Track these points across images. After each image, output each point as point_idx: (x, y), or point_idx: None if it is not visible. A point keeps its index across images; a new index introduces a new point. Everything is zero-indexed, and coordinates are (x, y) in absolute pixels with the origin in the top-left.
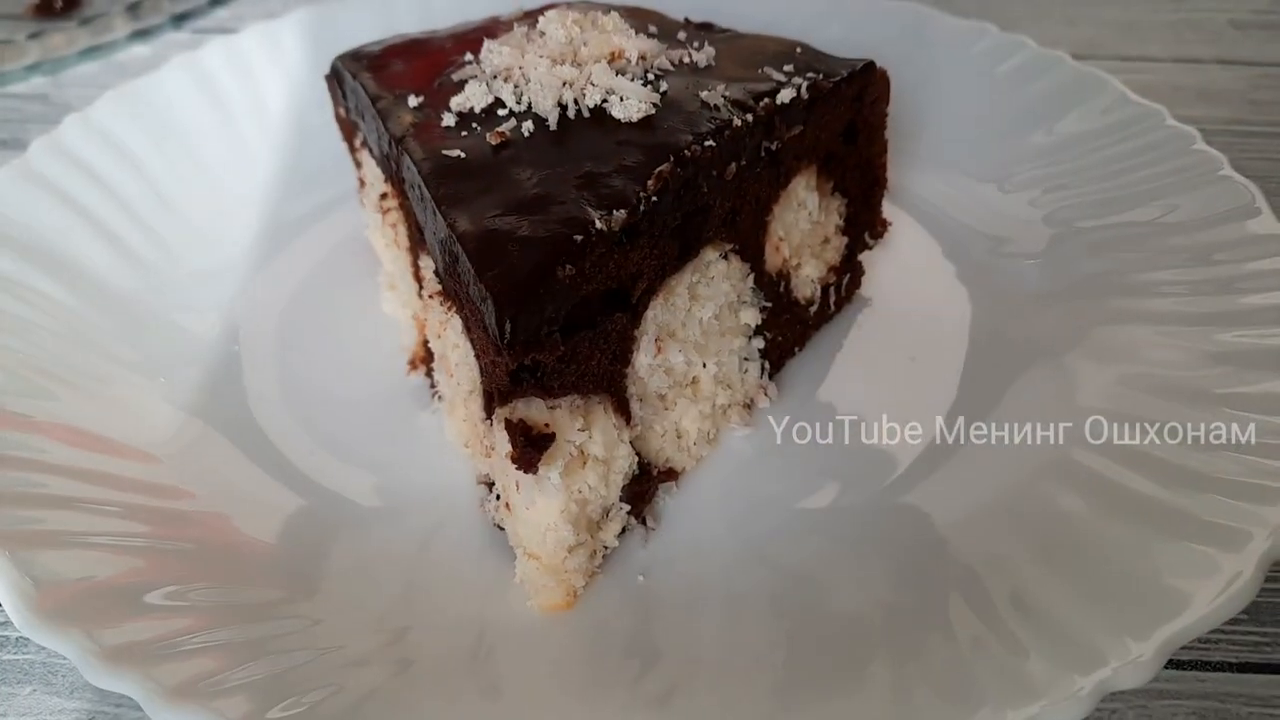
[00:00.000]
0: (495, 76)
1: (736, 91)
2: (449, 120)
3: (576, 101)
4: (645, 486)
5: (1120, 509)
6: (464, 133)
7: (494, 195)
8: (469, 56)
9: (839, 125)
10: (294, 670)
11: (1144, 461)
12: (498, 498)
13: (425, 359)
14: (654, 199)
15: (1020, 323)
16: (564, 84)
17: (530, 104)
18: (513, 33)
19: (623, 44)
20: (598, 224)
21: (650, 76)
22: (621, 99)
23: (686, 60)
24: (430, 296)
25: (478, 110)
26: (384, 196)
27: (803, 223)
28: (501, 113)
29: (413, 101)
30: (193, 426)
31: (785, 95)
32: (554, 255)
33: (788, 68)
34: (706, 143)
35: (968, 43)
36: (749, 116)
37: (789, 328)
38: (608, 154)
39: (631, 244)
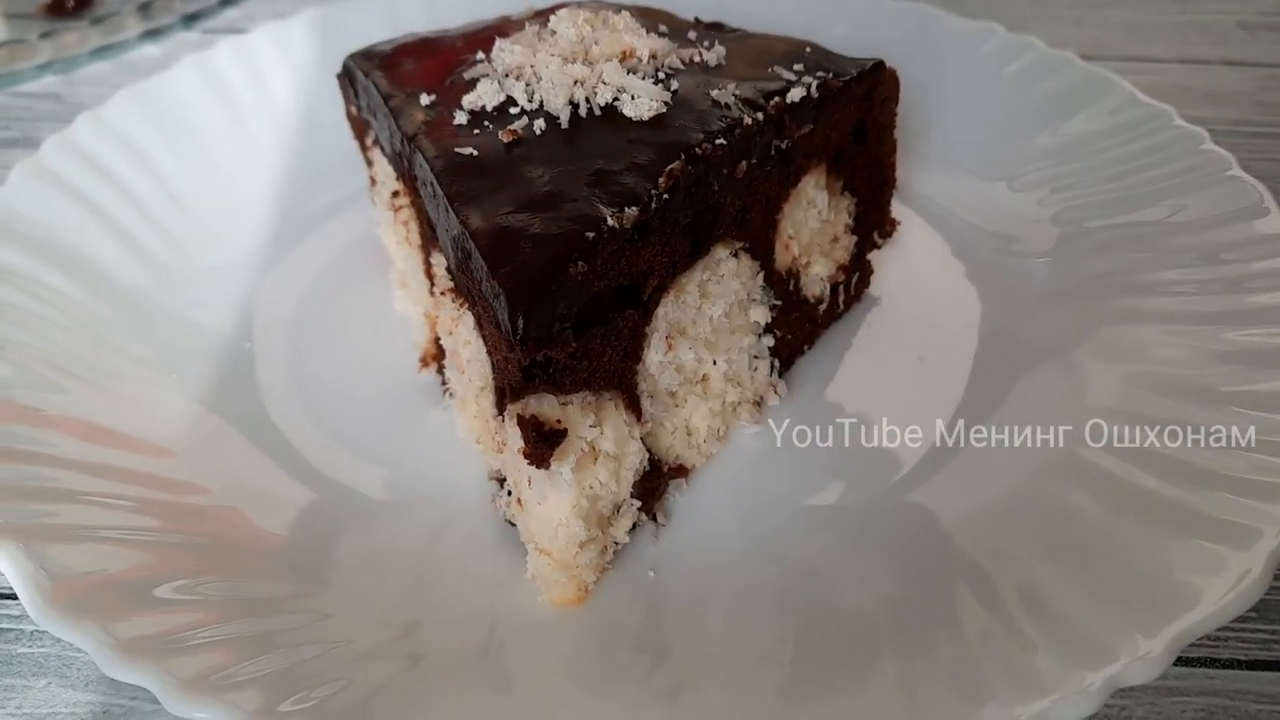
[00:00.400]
0: (507, 75)
1: (747, 90)
2: (461, 118)
3: (588, 100)
4: (656, 483)
5: (1129, 506)
6: (476, 131)
7: (506, 193)
8: (480, 55)
9: (848, 124)
10: (303, 664)
11: (1153, 459)
12: (509, 493)
13: (437, 356)
14: (665, 197)
15: (1029, 322)
16: (575, 82)
17: (542, 102)
18: (524, 31)
19: (634, 43)
20: (609, 221)
21: (661, 75)
22: (633, 97)
23: (697, 59)
24: (442, 293)
25: (490, 108)
26: (395, 194)
27: (812, 221)
28: (513, 111)
29: (425, 100)
30: (206, 422)
31: (795, 94)
32: (566, 252)
33: (798, 67)
34: (717, 141)
35: (976, 43)
36: (759, 115)
37: (798, 326)
38: (619, 152)
39: (643, 241)
